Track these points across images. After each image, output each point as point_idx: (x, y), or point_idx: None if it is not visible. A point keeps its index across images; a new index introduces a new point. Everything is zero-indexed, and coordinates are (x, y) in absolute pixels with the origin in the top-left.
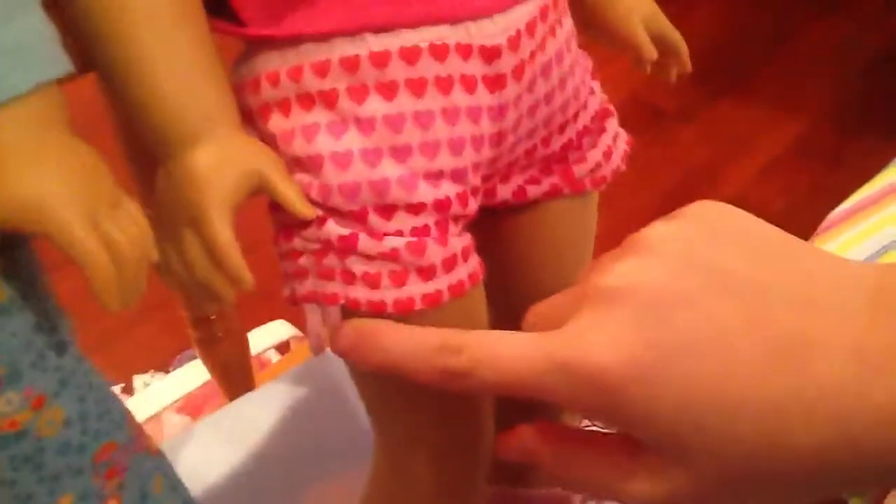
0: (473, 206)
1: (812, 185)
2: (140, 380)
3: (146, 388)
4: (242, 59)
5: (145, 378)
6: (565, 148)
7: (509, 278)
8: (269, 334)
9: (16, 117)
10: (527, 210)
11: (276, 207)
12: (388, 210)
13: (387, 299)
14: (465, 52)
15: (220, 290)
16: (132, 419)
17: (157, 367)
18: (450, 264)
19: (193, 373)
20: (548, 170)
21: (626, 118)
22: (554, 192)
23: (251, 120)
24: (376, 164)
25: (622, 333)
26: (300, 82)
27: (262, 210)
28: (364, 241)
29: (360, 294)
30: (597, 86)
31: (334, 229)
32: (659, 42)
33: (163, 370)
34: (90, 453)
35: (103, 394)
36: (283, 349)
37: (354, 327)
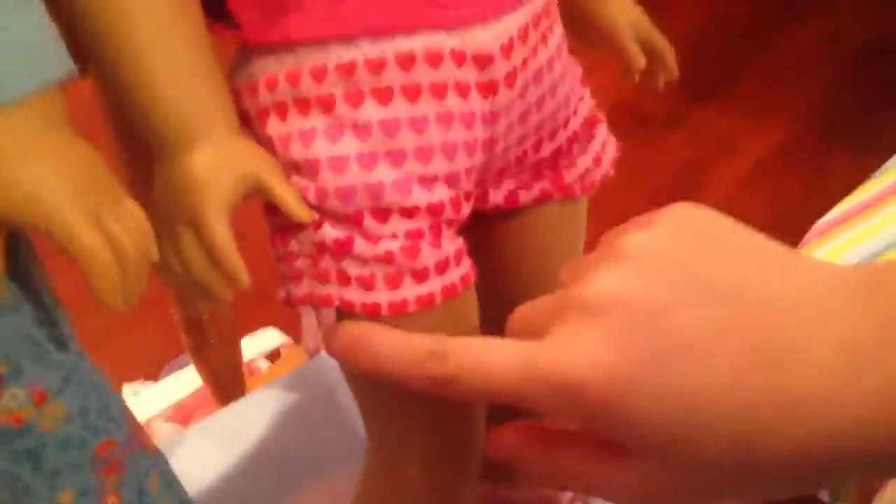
0: (466, 210)
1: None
2: (129, 388)
3: (135, 396)
4: (240, 62)
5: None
6: (556, 154)
7: (500, 282)
8: (259, 342)
9: (18, 117)
10: (518, 215)
11: (272, 210)
12: (383, 213)
13: (381, 301)
14: (459, 59)
15: (216, 289)
16: (131, 416)
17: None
18: (443, 267)
19: (183, 381)
20: (539, 175)
21: (613, 124)
22: (544, 197)
23: (249, 123)
24: (372, 168)
25: (602, 346)
26: (298, 87)
27: (255, 212)
28: (359, 244)
29: (355, 296)
30: (586, 93)
31: (330, 232)
32: (646, 48)
33: (152, 378)
34: (90, 449)
35: (103, 390)
36: (274, 357)
37: (346, 331)
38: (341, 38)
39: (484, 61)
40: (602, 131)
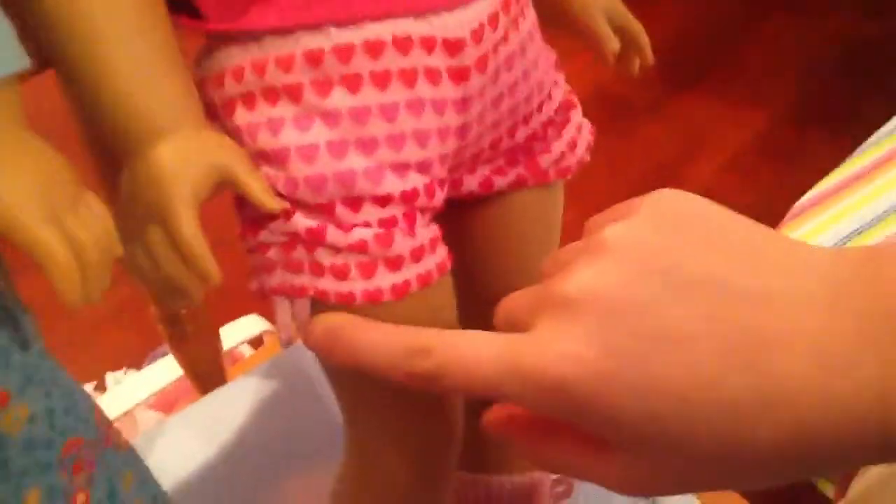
0: (440, 197)
1: (774, 178)
2: (113, 377)
3: (118, 385)
4: (204, 54)
5: (118, 376)
6: (530, 139)
7: (477, 268)
8: (242, 329)
9: None
10: (493, 201)
11: (242, 201)
12: (356, 202)
13: (355, 291)
14: (428, 45)
15: (187, 286)
16: (101, 414)
17: (130, 364)
18: (417, 255)
19: (166, 369)
20: (513, 160)
21: (592, 111)
22: (519, 182)
23: (216, 115)
24: (342, 156)
25: (582, 342)
26: (264, 76)
27: (231, 205)
28: (332, 233)
29: (329, 286)
30: (561, 77)
31: (302, 222)
32: (621, 34)
33: (136, 367)
34: (57, 449)
35: (69, 389)
36: (256, 344)
37: (324, 326)
38: (308, 25)
39: (454, 47)
40: (577, 116)
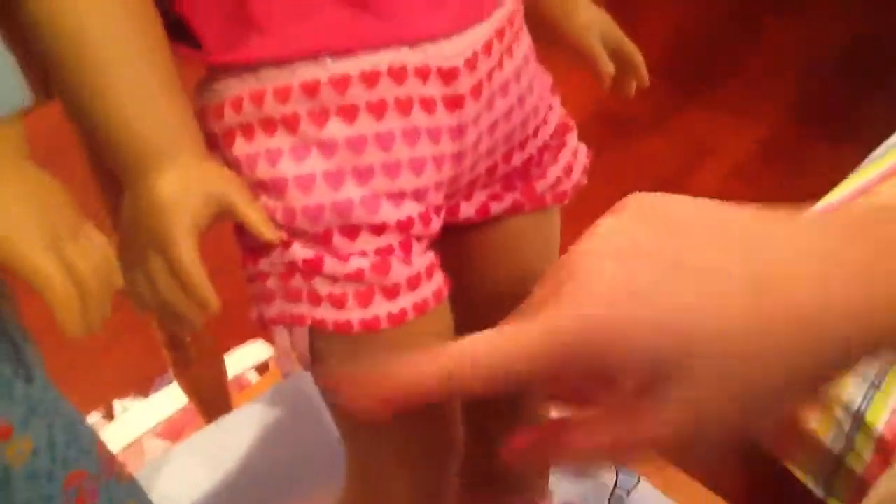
0: (437, 224)
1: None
2: (120, 405)
3: (126, 412)
4: (205, 84)
5: (125, 403)
6: (527, 164)
7: (475, 294)
8: (248, 355)
9: None
10: (490, 226)
11: (241, 231)
12: (352, 231)
13: (353, 319)
14: (423, 74)
15: (186, 313)
16: (102, 445)
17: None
18: (414, 283)
19: (173, 396)
20: (510, 186)
21: (593, 127)
22: (516, 207)
23: (216, 145)
24: (339, 185)
25: (606, 290)
26: (262, 107)
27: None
28: (329, 263)
29: (327, 314)
30: (556, 101)
31: (300, 251)
32: (616, 56)
33: (143, 394)
34: (59, 481)
35: (71, 421)
36: (263, 370)
37: (356, 386)
38: (304, 57)
39: (449, 76)
40: (573, 139)
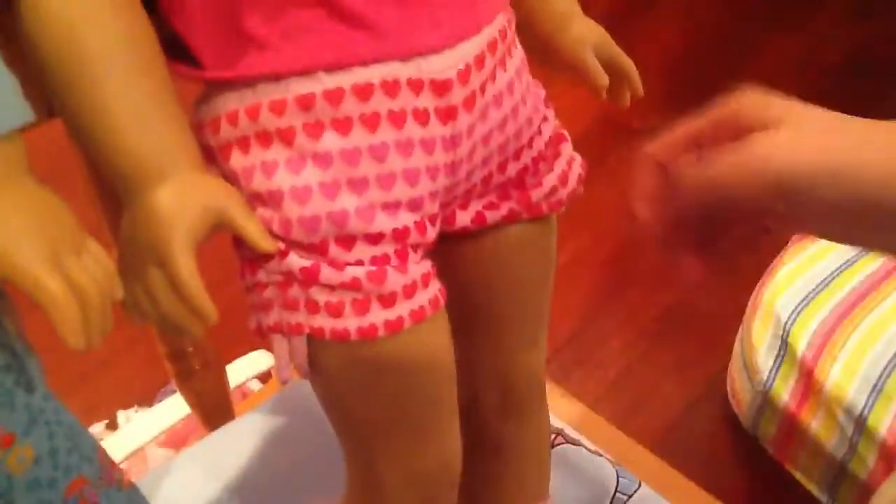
0: (432, 233)
1: None
2: (124, 415)
3: (129, 422)
4: (202, 100)
5: (129, 413)
6: (522, 173)
7: (471, 302)
8: (250, 365)
9: None
10: (486, 235)
11: (239, 242)
12: (348, 241)
13: (350, 327)
14: (416, 87)
15: (185, 325)
16: (103, 453)
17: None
18: (410, 291)
19: (176, 406)
20: (505, 195)
21: (595, 137)
22: (512, 216)
23: (213, 158)
24: (334, 196)
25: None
26: (258, 121)
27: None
28: (326, 272)
29: (324, 323)
30: (550, 113)
31: (296, 261)
32: (610, 68)
33: (146, 404)
34: (61, 489)
35: (72, 429)
36: (265, 379)
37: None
38: (299, 72)
39: (441, 88)
40: (567, 149)
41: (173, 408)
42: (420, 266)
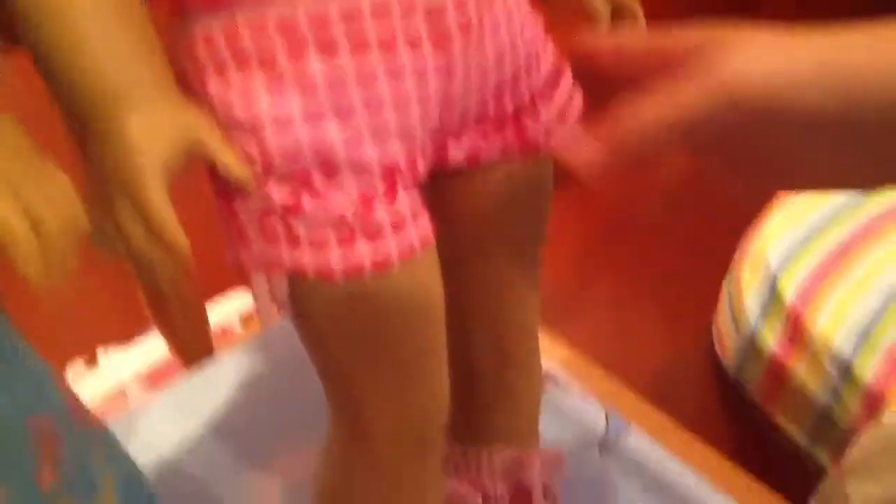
0: (423, 167)
1: None
2: (104, 353)
3: (109, 361)
4: (178, 24)
5: (109, 351)
6: (519, 107)
7: (463, 243)
8: (233, 305)
9: None
10: (480, 173)
11: (215, 173)
12: (333, 171)
13: (334, 264)
14: (408, 9)
15: (158, 261)
16: (69, 392)
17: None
18: (399, 227)
19: (157, 345)
20: (501, 132)
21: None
22: (507, 153)
23: (188, 85)
24: (319, 124)
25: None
26: (237, 44)
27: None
28: (308, 204)
29: (307, 259)
30: (549, 44)
31: (277, 192)
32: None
33: (127, 342)
34: (22, 426)
35: (36, 367)
36: (248, 319)
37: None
38: None
39: (435, 12)
40: (567, 82)
41: (154, 347)
42: (409, 201)
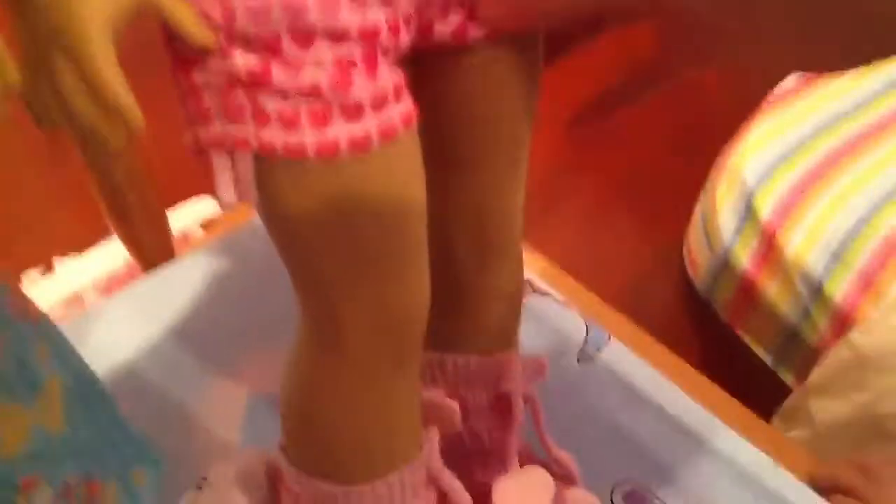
0: (406, 37)
1: None
2: (61, 261)
3: (66, 267)
4: None
5: (67, 260)
6: None
7: (446, 133)
8: (194, 210)
9: None
10: (467, 54)
11: (171, 35)
12: (306, 36)
13: (307, 142)
14: None
15: (102, 128)
16: (9, 282)
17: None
18: (379, 103)
19: (115, 252)
20: None
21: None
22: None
23: None
24: None
25: None
26: None
27: None
28: (278, 74)
29: (276, 136)
30: None
31: (242, 60)
32: None
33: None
34: None
35: None
36: (209, 226)
37: None
38: None
39: None
40: None
41: (112, 254)
42: (391, 74)
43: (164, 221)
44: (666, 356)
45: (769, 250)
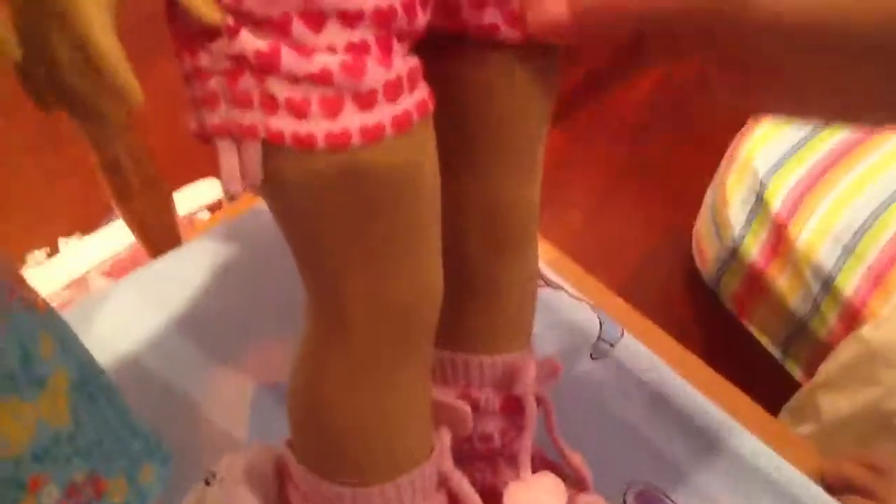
0: (422, 20)
1: None
2: (65, 242)
3: (71, 249)
4: None
5: (72, 241)
6: None
7: (462, 122)
8: (200, 193)
9: None
10: (494, 49)
11: (175, 14)
12: (318, 19)
13: (317, 132)
14: None
15: (98, 102)
16: (12, 271)
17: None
18: (393, 91)
19: (121, 234)
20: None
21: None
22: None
23: None
24: None
25: None
26: None
27: None
28: (287, 58)
29: (284, 125)
30: None
31: (250, 42)
32: None
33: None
34: None
35: None
36: (215, 209)
37: None
38: None
39: None
40: None
41: (118, 235)
42: (406, 61)
43: (171, 204)
44: (675, 349)
45: (779, 242)
